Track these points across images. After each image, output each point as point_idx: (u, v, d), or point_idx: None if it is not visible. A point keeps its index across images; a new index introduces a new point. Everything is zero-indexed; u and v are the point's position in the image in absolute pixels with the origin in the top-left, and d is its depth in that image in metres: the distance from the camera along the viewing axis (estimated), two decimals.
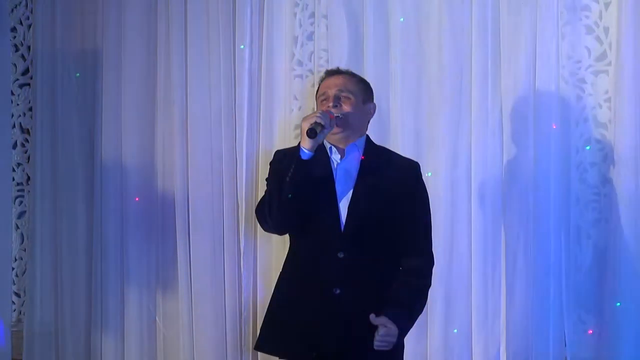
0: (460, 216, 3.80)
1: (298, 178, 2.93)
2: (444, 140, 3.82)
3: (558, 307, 3.68)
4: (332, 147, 3.07)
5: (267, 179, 3.11)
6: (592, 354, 3.70)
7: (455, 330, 3.81)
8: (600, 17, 3.71)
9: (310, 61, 4.12)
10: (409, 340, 3.83)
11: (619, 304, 3.56)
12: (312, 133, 2.89)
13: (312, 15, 4.12)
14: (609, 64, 3.68)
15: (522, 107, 3.73)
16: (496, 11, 3.77)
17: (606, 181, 3.69)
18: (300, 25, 4.15)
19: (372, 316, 2.88)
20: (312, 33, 4.12)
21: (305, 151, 2.93)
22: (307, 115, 2.96)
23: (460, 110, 3.82)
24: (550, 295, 3.67)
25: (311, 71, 4.11)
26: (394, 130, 3.92)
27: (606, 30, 3.70)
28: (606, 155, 3.70)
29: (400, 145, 3.85)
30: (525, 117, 3.73)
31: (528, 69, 3.72)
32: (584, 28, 3.72)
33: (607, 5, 3.69)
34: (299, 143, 2.95)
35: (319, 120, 2.90)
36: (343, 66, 3.77)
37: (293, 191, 2.94)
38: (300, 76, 4.15)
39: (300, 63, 4.15)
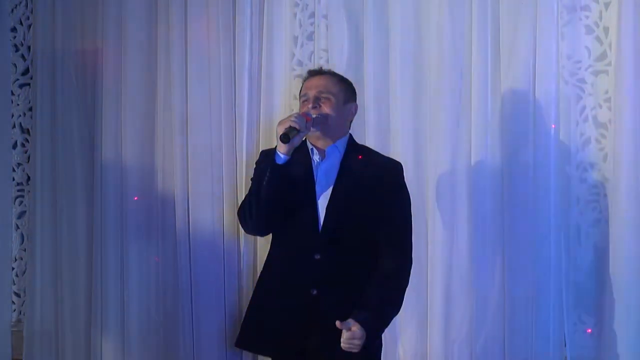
0: (460, 216, 3.80)
1: (274, 182, 2.95)
2: (444, 140, 3.82)
3: (558, 307, 3.68)
4: (313, 148, 3.07)
5: (252, 179, 3.12)
6: (592, 354, 3.70)
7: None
8: (600, 17, 3.71)
9: (310, 61, 4.12)
10: (409, 340, 3.87)
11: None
12: (284, 138, 2.90)
13: (312, 15, 4.12)
14: (609, 64, 3.68)
15: (522, 107, 3.73)
16: (496, 11, 3.77)
17: (606, 181, 3.69)
18: (300, 25, 4.16)
19: (337, 322, 2.87)
20: (312, 33, 4.12)
21: (281, 155, 2.94)
22: (283, 119, 2.97)
23: (460, 111, 3.81)
24: (550, 295, 3.67)
25: None
26: (394, 130, 3.91)
27: (606, 30, 3.70)
28: (606, 155, 3.70)
29: (399, 145, 3.86)
30: (525, 117, 3.73)
31: (528, 69, 3.71)
32: (584, 28, 3.72)
33: (607, 5, 3.69)
34: (276, 146, 2.95)
35: (293, 125, 2.91)
36: (343, 66, 3.80)
37: (270, 195, 2.95)
38: (300, 76, 4.13)
39: (300, 63, 4.15)
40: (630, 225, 3.56)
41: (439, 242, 3.80)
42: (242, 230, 4.18)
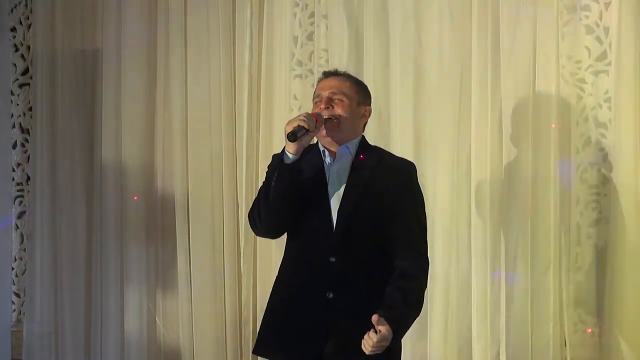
0: (461, 216, 3.80)
1: (283, 182, 2.91)
2: (444, 140, 3.82)
3: (558, 307, 3.67)
4: (325, 149, 3.06)
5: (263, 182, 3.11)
6: (592, 354, 3.70)
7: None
8: (600, 17, 3.70)
9: (310, 61, 4.13)
10: (409, 339, 3.86)
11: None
12: (292, 136, 2.85)
13: (312, 15, 4.12)
14: (609, 64, 3.68)
15: (522, 107, 3.73)
16: (496, 11, 3.77)
17: (606, 181, 3.69)
18: (300, 25, 4.16)
19: (375, 316, 2.79)
20: (312, 33, 4.13)
21: (289, 155, 2.90)
22: (292, 119, 2.93)
23: (460, 111, 3.81)
24: (550, 295, 3.67)
25: (311, 71, 4.11)
26: (394, 130, 3.92)
27: (606, 30, 3.69)
28: (606, 155, 3.70)
29: (399, 145, 3.85)
30: (525, 117, 3.72)
31: (528, 69, 3.71)
32: (584, 28, 3.72)
33: (607, 5, 3.69)
34: (284, 147, 2.93)
35: (302, 124, 2.87)
36: (343, 66, 3.78)
37: (279, 195, 2.91)
38: (300, 76, 4.15)
39: (300, 63, 4.15)
40: (630, 225, 3.57)
41: (440, 242, 3.80)
42: (242, 230, 4.18)
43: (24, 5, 4.75)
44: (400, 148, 3.83)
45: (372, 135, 3.84)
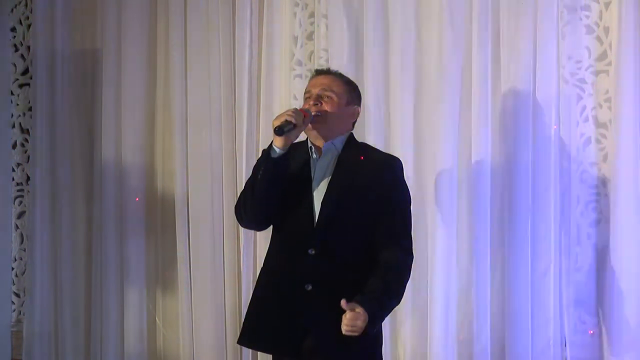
0: (461, 216, 3.80)
1: (268, 175, 2.98)
2: (444, 140, 3.81)
3: (558, 307, 3.67)
4: (312, 146, 3.09)
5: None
6: (592, 354, 3.70)
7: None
8: (600, 17, 3.70)
9: (310, 61, 4.13)
10: (409, 339, 3.87)
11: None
12: (279, 131, 2.93)
13: (312, 15, 4.12)
14: (609, 64, 3.68)
15: (522, 107, 3.73)
16: (496, 11, 3.77)
17: (606, 181, 3.69)
18: (300, 25, 4.16)
19: (343, 301, 2.86)
20: (312, 33, 4.13)
21: (276, 149, 2.96)
22: (280, 114, 3.00)
23: (460, 110, 3.81)
24: (550, 295, 3.67)
25: (311, 71, 4.09)
26: (394, 129, 3.91)
27: (606, 30, 3.69)
28: (606, 155, 3.70)
29: (399, 144, 3.86)
30: (525, 117, 3.72)
31: (528, 69, 3.71)
32: (584, 28, 3.71)
33: (607, 5, 3.69)
34: (272, 141, 2.98)
35: (289, 119, 2.94)
36: (343, 66, 3.79)
37: (265, 188, 2.98)
38: (300, 76, 4.14)
39: (300, 63, 4.15)
40: (630, 225, 3.57)
41: (440, 243, 3.80)
42: (242, 230, 4.18)
43: (24, 5, 4.75)
44: (400, 148, 3.83)
45: (373, 134, 3.87)
